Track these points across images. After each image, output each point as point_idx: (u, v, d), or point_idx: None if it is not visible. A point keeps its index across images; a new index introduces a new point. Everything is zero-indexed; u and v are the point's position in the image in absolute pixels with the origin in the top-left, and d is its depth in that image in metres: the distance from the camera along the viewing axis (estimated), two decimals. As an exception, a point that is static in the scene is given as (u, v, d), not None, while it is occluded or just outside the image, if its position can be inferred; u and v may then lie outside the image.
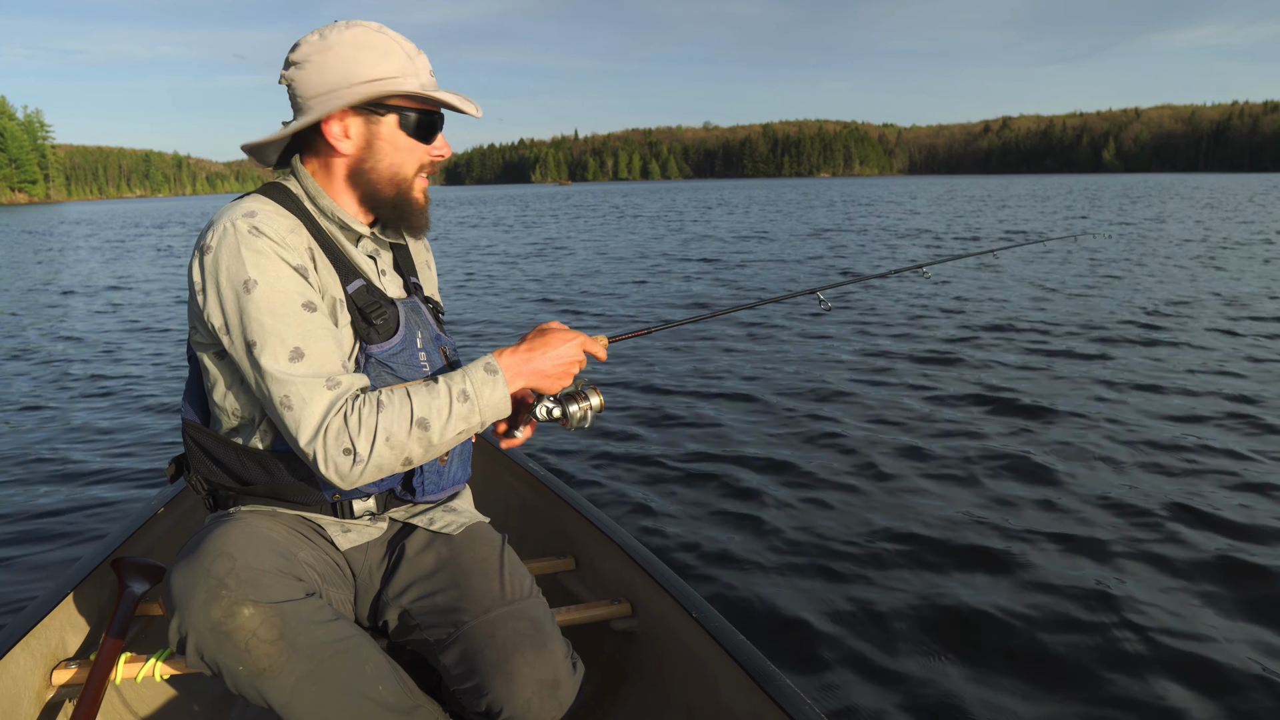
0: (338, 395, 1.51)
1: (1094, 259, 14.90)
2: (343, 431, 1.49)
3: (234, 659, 1.45)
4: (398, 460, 1.54)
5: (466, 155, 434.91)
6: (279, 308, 1.52)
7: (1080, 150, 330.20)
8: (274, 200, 1.66)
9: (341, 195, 1.73)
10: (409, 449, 1.54)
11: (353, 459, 1.50)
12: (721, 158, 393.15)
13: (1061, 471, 4.58)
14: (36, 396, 6.88)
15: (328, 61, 1.62)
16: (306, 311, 1.55)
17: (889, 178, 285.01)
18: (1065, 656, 2.91)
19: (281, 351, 1.51)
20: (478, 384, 1.60)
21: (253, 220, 1.56)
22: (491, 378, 1.61)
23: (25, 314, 11.86)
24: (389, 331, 1.70)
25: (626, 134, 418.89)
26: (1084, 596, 3.29)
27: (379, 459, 1.51)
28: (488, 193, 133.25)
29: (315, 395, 1.50)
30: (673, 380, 6.80)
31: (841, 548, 3.76)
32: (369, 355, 1.66)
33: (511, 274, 14.81)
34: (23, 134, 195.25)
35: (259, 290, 1.52)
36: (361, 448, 1.49)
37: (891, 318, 9.44)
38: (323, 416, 1.50)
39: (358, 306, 1.68)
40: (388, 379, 1.67)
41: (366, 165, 1.70)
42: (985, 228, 24.36)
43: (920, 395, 6.23)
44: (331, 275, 1.67)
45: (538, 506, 2.70)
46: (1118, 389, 6.23)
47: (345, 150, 1.68)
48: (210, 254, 1.55)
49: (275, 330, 1.52)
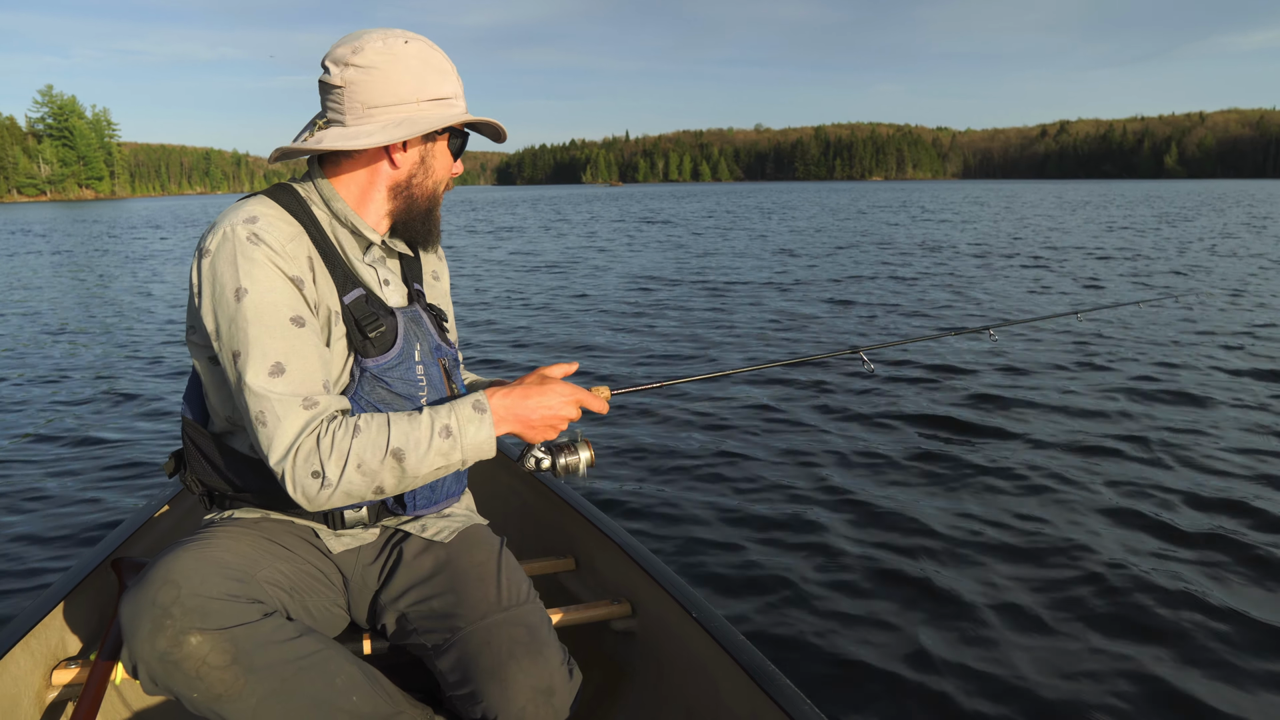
0: (313, 416, 1.50)
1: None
2: (313, 454, 1.47)
3: (187, 686, 1.44)
4: (369, 488, 1.52)
5: (518, 155, 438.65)
6: (265, 319, 1.50)
7: (1141, 155, 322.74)
8: (280, 204, 1.63)
9: (369, 204, 1.71)
10: (381, 478, 1.51)
11: (321, 482, 1.48)
12: (773, 160, 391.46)
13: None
14: (41, 394, 6.91)
15: (396, 73, 1.60)
16: (294, 326, 1.53)
17: (942, 181, 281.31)
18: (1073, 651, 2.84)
19: (263, 365, 1.49)
20: (463, 421, 1.57)
21: (253, 226, 1.54)
22: (479, 416, 1.58)
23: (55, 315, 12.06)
24: (385, 344, 1.68)
25: (677, 135, 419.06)
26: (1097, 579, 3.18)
27: (349, 485, 1.49)
28: (538, 193, 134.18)
29: (289, 414, 1.48)
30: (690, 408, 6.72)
31: (842, 549, 3.75)
32: (364, 369, 1.65)
33: (528, 288, 13.99)
34: (91, 132, 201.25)
35: (248, 300, 1.50)
36: (331, 472, 1.48)
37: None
38: (295, 437, 1.48)
39: (354, 318, 1.65)
40: (382, 392, 1.66)
41: (415, 181, 1.71)
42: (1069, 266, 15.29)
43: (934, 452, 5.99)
44: (329, 285, 1.63)
45: (538, 507, 2.68)
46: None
47: (400, 165, 1.68)
48: (208, 258, 1.54)
49: (259, 342, 1.50)
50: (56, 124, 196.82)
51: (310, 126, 1.68)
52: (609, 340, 8.85)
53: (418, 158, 1.70)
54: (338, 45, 1.63)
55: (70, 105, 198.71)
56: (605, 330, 9.41)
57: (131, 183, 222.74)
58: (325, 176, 1.70)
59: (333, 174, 1.70)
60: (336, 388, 1.63)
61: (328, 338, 1.62)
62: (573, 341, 8.90)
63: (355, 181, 1.70)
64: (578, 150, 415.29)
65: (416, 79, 1.62)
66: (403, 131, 1.61)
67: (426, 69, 1.63)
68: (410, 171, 1.70)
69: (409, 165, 1.69)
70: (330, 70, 1.62)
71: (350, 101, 1.62)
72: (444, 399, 1.77)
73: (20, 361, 8.36)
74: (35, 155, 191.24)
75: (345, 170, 1.69)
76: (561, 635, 1.86)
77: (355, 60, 1.60)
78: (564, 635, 1.98)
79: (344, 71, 1.61)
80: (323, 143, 1.62)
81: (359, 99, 1.61)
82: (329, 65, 1.63)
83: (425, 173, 1.72)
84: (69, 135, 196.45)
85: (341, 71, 1.61)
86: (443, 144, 1.72)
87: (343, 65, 1.61)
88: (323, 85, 1.65)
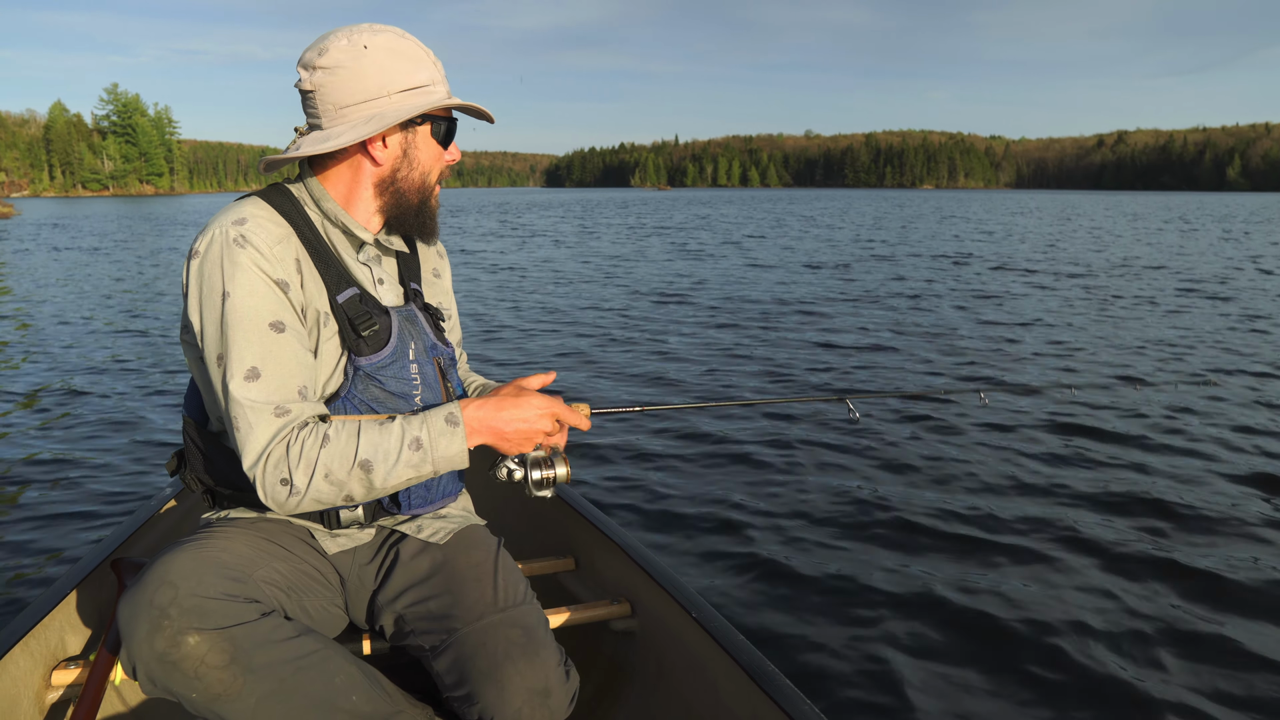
0: (284, 424, 1.51)
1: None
2: (282, 461, 1.49)
3: (186, 687, 1.44)
4: (337, 496, 1.53)
5: (567, 158, 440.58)
6: (245, 323, 1.51)
7: (1202, 167, 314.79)
8: (271, 205, 1.64)
9: (358, 202, 1.71)
10: (349, 487, 1.53)
11: (289, 490, 1.50)
12: (822, 167, 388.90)
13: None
14: (45, 389, 6.99)
15: (363, 69, 1.59)
16: (272, 331, 1.53)
17: (995, 191, 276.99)
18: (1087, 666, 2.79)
19: (239, 369, 1.51)
20: (435, 434, 1.57)
21: (241, 229, 1.55)
22: (451, 429, 1.58)
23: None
24: (379, 343, 1.68)
25: (727, 140, 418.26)
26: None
27: (316, 493, 1.51)
28: (588, 195, 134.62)
29: (261, 421, 1.50)
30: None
31: (842, 549, 3.76)
32: (357, 367, 1.65)
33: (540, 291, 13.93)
34: (152, 129, 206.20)
35: (229, 303, 1.51)
36: (299, 481, 1.49)
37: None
38: (266, 444, 1.49)
39: (347, 317, 1.65)
40: (375, 391, 1.66)
41: (400, 175, 1.69)
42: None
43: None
44: (319, 287, 1.63)
45: (537, 507, 2.67)
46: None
47: (381, 160, 1.67)
48: (198, 259, 1.55)
49: (237, 345, 1.51)
50: (120, 121, 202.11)
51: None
52: (600, 356, 8.50)
53: (400, 150, 1.68)
54: (307, 49, 1.64)
55: (134, 103, 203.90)
56: (595, 346, 9.05)
57: (190, 179, 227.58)
58: (315, 177, 1.71)
59: (320, 175, 1.71)
60: (329, 387, 1.64)
61: (317, 339, 1.63)
62: (555, 351, 8.74)
63: (341, 181, 1.70)
64: (626, 154, 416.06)
65: (384, 72, 1.61)
66: (372, 127, 1.60)
67: (395, 60, 1.62)
68: (393, 166, 1.69)
69: (391, 159, 1.68)
70: (301, 76, 1.63)
71: (323, 104, 1.62)
72: (437, 399, 1.77)
73: (37, 356, 8.46)
74: (100, 151, 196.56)
75: (331, 170, 1.70)
76: (561, 635, 1.86)
77: (321, 63, 1.60)
78: (563, 635, 1.98)
79: (313, 76, 1.61)
80: (301, 149, 1.63)
81: (330, 101, 1.61)
82: (299, 71, 1.63)
83: (410, 165, 1.70)
84: (132, 132, 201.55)
85: (311, 76, 1.62)
86: (425, 133, 1.69)
87: (311, 69, 1.61)
88: (299, 91, 1.66)
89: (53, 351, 8.80)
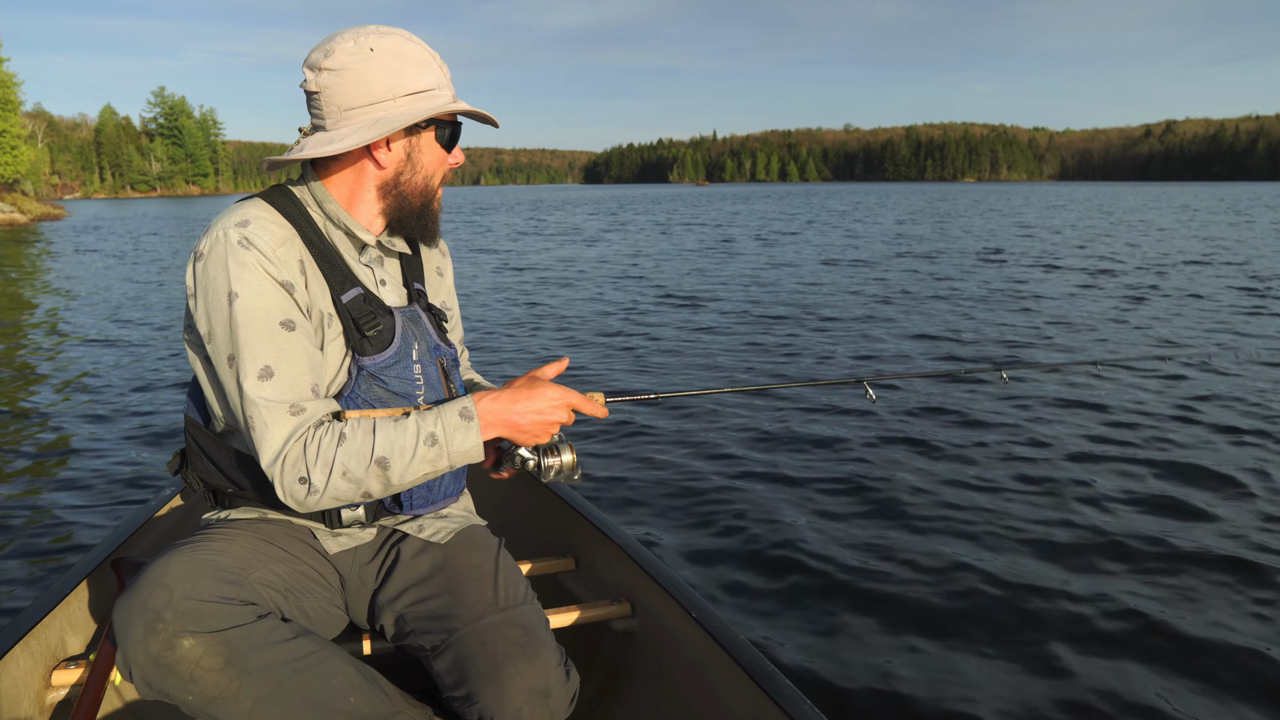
0: (300, 423, 1.51)
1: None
2: (300, 460, 1.49)
3: (181, 690, 1.44)
4: (355, 494, 1.53)
5: (605, 155, 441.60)
6: (255, 323, 1.51)
7: (1255, 156, 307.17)
8: (274, 206, 1.64)
9: (360, 204, 1.70)
10: (367, 484, 1.52)
11: (308, 488, 1.50)
12: (862, 160, 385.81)
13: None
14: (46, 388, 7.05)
15: (369, 71, 1.59)
16: (284, 330, 1.54)
17: (1038, 183, 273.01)
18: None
19: (252, 369, 1.51)
20: (449, 429, 1.56)
21: (244, 230, 1.55)
22: (465, 424, 1.58)
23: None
24: (383, 343, 1.68)
25: (765, 135, 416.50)
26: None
27: (335, 491, 1.51)
28: (624, 192, 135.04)
29: (277, 421, 1.50)
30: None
31: (843, 549, 3.76)
32: (361, 367, 1.65)
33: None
34: (198, 131, 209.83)
35: (238, 304, 1.51)
36: (317, 479, 1.49)
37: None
38: (283, 443, 1.50)
39: (352, 317, 1.65)
40: (379, 391, 1.66)
41: (403, 179, 1.69)
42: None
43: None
44: (322, 287, 1.64)
45: (538, 507, 2.67)
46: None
47: (385, 163, 1.67)
48: (202, 261, 1.55)
49: (249, 346, 1.51)
50: (167, 123, 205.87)
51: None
52: (619, 343, 8.68)
53: (403, 154, 1.67)
54: (313, 50, 1.63)
55: (180, 105, 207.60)
56: (614, 335, 9.19)
57: (234, 179, 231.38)
58: (318, 179, 1.70)
59: (324, 176, 1.70)
60: (333, 387, 1.64)
61: (321, 339, 1.63)
62: (571, 341, 8.83)
63: (344, 183, 1.69)
64: (665, 150, 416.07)
65: (390, 76, 1.60)
66: (376, 131, 1.59)
67: (401, 63, 1.61)
68: (397, 169, 1.68)
69: (395, 163, 1.67)
70: (306, 76, 1.63)
71: (328, 106, 1.61)
72: (440, 399, 1.76)
73: (55, 358, 8.52)
74: (148, 153, 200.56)
75: (334, 172, 1.69)
76: (561, 635, 1.85)
77: (327, 64, 1.59)
78: (563, 635, 1.97)
79: (318, 77, 1.60)
80: (304, 150, 1.63)
81: (335, 103, 1.61)
82: (305, 71, 1.63)
83: (413, 169, 1.69)
84: (178, 134, 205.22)
85: (316, 77, 1.61)
86: (429, 137, 1.69)
87: (316, 70, 1.61)
88: (304, 92, 1.65)
89: (53, 351, 8.90)
